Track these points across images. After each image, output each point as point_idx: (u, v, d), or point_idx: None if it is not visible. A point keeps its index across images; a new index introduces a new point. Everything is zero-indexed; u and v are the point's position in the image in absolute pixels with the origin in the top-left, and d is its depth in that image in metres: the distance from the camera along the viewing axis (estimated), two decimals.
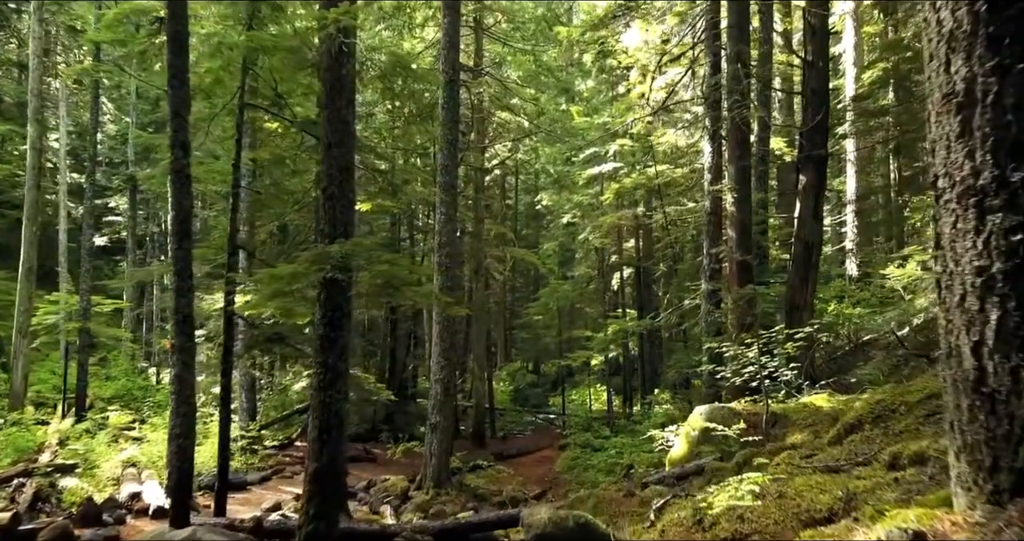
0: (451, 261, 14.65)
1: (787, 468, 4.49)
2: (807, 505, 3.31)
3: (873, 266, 24.75)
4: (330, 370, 6.96)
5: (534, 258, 25.28)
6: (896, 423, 5.29)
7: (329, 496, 6.82)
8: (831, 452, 5.11)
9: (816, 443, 6.70)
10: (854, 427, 5.73)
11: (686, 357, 17.42)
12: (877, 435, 5.19)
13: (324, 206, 7.12)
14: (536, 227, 41.12)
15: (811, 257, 12.53)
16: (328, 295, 6.97)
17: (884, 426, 5.38)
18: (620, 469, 15.79)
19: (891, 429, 5.22)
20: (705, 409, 8.89)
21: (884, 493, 3.16)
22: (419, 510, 12.88)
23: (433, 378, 14.64)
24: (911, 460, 3.55)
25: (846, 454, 4.73)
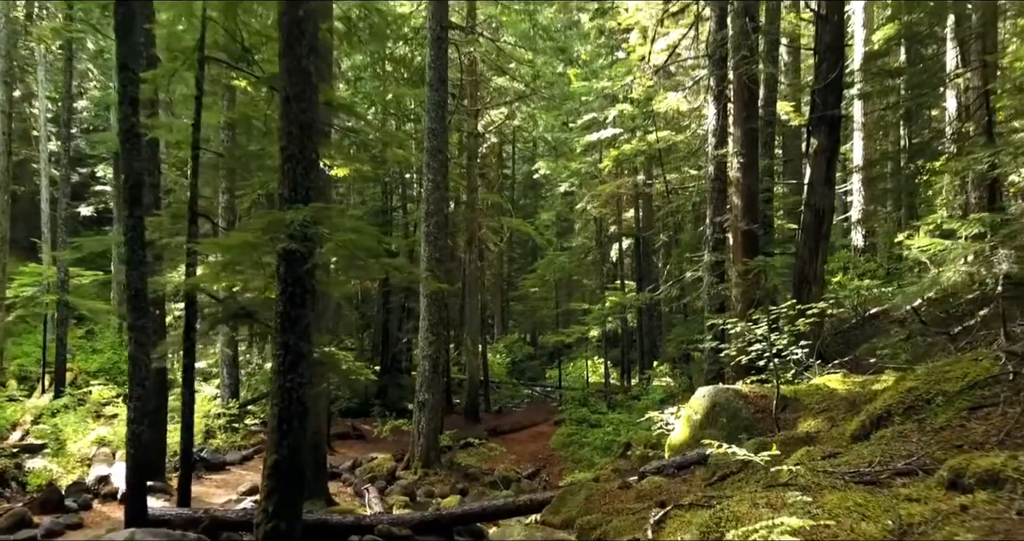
0: (439, 231, 13.86)
1: (810, 475, 3.78)
2: (846, 537, 2.59)
3: (879, 236, 24.02)
4: (291, 352, 6.22)
5: (530, 228, 24.47)
6: (933, 417, 4.56)
7: (290, 491, 6.14)
8: (858, 451, 4.39)
9: (834, 434, 5.99)
10: (882, 419, 5.00)
11: (687, 331, 16.73)
12: (911, 431, 4.46)
13: (283, 168, 6.32)
14: (534, 197, 40.26)
15: (822, 226, 11.74)
16: (287, 268, 6.20)
17: (918, 420, 4.65)
18: (617, 447, 15.17)
19: (928, 424, 4.49)
20: (708, 391, 8.18)
21: (952, 528, 2.44)
22: (405, 492, 12.27)
23: (421, 354, 13.95)
24: (981, 480, 2.82)
25: (879, 456, 4.00)
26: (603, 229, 27.07)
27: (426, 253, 13.86)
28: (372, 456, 15.19)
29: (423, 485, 13.19)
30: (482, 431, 18.84)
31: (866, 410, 5.34)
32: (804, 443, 6.08)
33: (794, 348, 8.42)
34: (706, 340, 12.15)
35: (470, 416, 20.77)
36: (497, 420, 21.19)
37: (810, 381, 8.37)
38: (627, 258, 28.11)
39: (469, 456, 14.94)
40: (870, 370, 9.59)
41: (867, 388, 7.33)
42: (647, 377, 18.89)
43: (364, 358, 28.55)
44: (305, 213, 5.85)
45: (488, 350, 32.55)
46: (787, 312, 7.96)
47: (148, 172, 11.62)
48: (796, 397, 7.73)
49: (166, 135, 10.14)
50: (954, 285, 8.69)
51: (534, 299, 30.86)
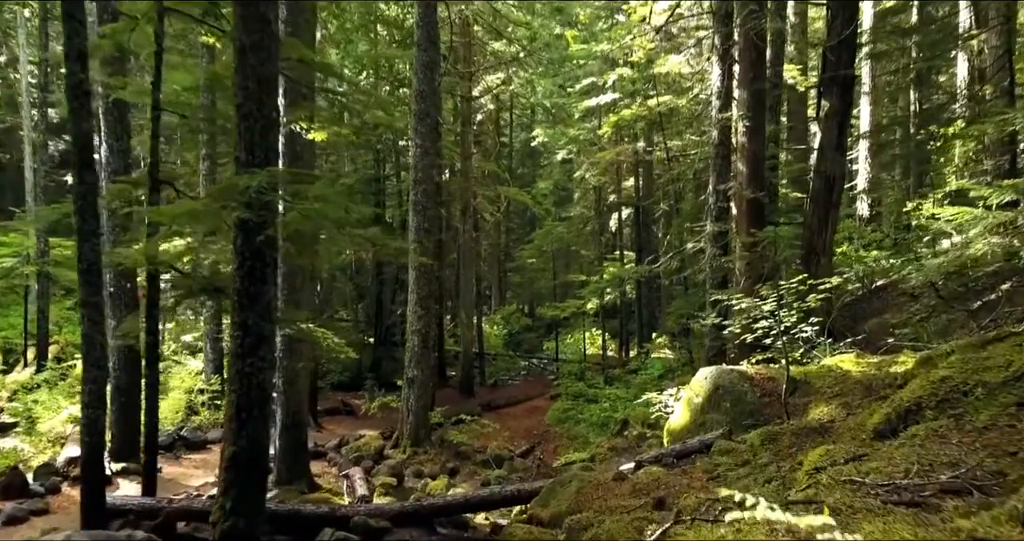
0: (429, 200, 13.18)
1: (837, 490, 3.18)
2: None
3: (885, 205, 23.31)
4: (251, 333, 5.60)
5: (526, 197, 23.74)
6: (974, 413, 3.95)
7: (250, 486, 5.57)
8: (888, 453, 3.79)
9: (851, 424, 5.40)
10: (911, 413, 4.40)
11: (687, 304, 16.14)
12: (949, 430, 3.86)
13: (239, 128, 5.64)
14: (532, 165, 39.45)
15: (832, 194, 11.06)
16: (245, 240, 5.55)
17: (955, 416, 4.05)
18: (614, 425, 14.70)
19: (968, 422, 3.89)
20: (711, 372, 7.59)
21: None
22: (392, 473, 11.79)
23: (410, 329, 13.36)
24: None
25: (916, 463, 3.40)
26: (602, 198, 26.32)
27: (415, 223, 13.20)
28: (360, 434, 14.69)
29: (412, 464, 12.70)
30: (476, 406, 18.34)
31: (891, 401, 4.74)
32: (818, 434, 5.49)
33: (803, 325, 7.81)
34: (708, 316, 11.56)
35: (464, 390, 20.28)
36: (492, 394, 20.71)
37: (820, 361, 7.77)
38: (627, 228, 27.41)
39: (461, 433, 14.45)
40: (883, 348, 9.01)
41: (884, 370, 6.73)
42: (646, 351, 18.34)
43: (359, 330, 28.06)
44: (261, 178, 5.18)
45: (485, 322, 32.05)
46: (797, 287, 7.32)
47: (116, 136, 10.96)
48: (806, 379, 7.14)
49: (130, 96, 9.39)
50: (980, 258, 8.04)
51: (531, 270, 30.27)
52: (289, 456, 10.24)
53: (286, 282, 10.11)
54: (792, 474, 4.42)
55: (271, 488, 10.23)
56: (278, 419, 10.29)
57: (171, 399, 13.38)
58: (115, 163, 10.83)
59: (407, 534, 7.01)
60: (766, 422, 6.83)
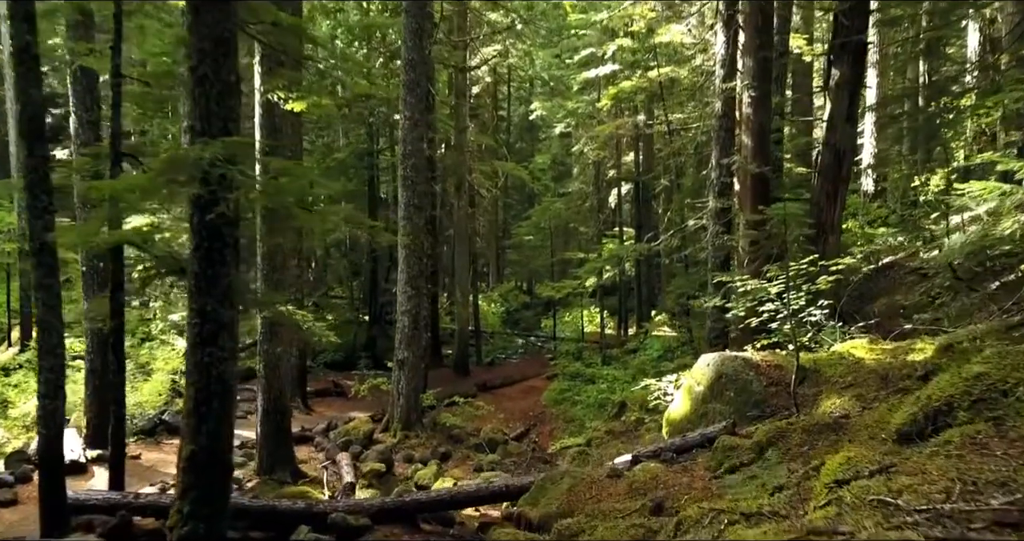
0: (418, 175, 12.59)
1: (865, 515, 2.70)
2: None
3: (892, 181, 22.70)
4: (209, 320, 5.10)
5: (523, 172, 23.13)
6: (1018, 417, 3.46)
7: (211, 488, 5.10)
8: (920, 464, 3.29)
9: (869, 421, 4.91)
10: (940, 413, 3.90)
11: (687, 283, 15.64)
12: (989, 438, 3.37)
13: (192, 93, 5.08)
14: (530, 140, 38.74)
15: (841, 168, 10.52)
16: (201, 218, 5.02)
17: (995, 420, 3.56)
18: (611, 407, 14.27)
19: (1012, 428, 3.40)
20: (713, 359, 7.10)
21: None
22: (381, 458, 11.35)
23: (400, 309, 12.86)
24: None
25: (956, 479, 2.91)
26: (601, 174, 25.71)
27: (404, 199, 12.63)
28: (350, 416, 14.27)
29: (402, 449, 12.28)
30: (471, 386, 17.94)
31: (917, 398, 4.24)
32: (832, 431, 5.01)
33: (812, 309, 7.33)
34: (709, 297, 11.07)
35: (460, 370, 19.87)
36: (488, 374, 20.28)
37: (830, 348, 7.28)
38: (626, 204, 26.83)
39: (454, 416, 14.01)
40: (895, 332, 8.53)
41: (900, 358, 6.24)
42: (644, 330, 17.87)
43: (354, 308, 27.60)
44: (214, 149, 4.63)
45: (482, 299, 31.57)
46: (807, 268, 6.81)
47: (86, 107, 10.38)
48: (816, 367, 6.65)
49: (96, 63, 8.80)
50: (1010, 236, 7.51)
51: (529, 247, 29.73)
52: (272, 443, 9.80)
53: (266, 262, 9.60)
54: (807, 482, 3.94)
55: (252, 477, 9.84)
56: (259, 405, 9.84)
57: (154, 381, 12.93)
58: (85, 135, 10.26)
59: (388, 532, 6.58)
60: (772, 414, 6.36)
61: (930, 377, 5.35)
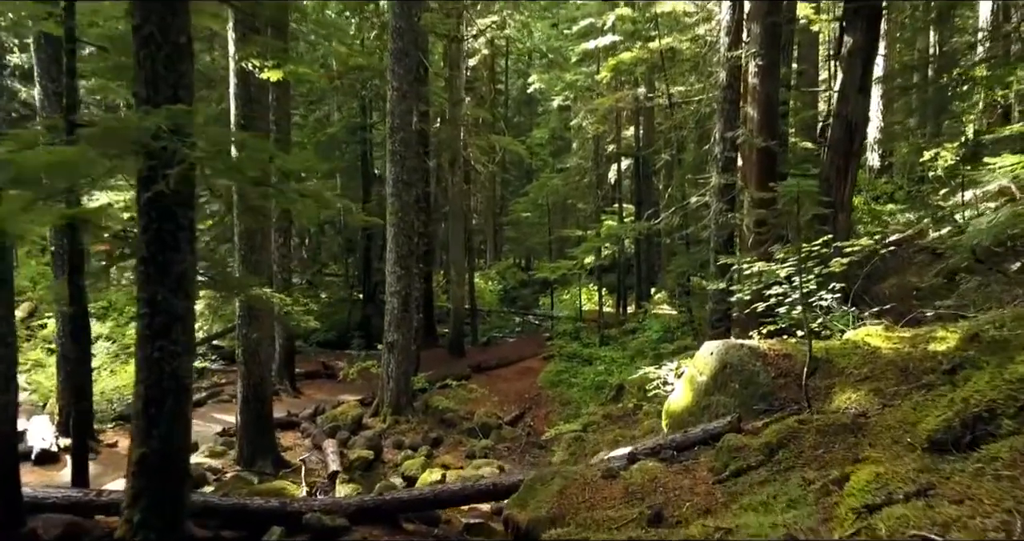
0: (407, 149, 12.02)
1: None
2: None
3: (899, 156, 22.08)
4: (160, 311, 4.60)
5: (520, 147, 22.49)
6: None
7: (165, 494, 4.64)
8: (963, 484, 2.81)
9: (891, 421, 4.43)
10: (980, 420, 3.42)
11: (688, 262, 15.11)
12: None
13: (138, 56, 4.53)
14: (529, 114, 38.02)
15: (853, 142, 9.95)
16: (152, 198, 4.50)
17: None
18: (609, 390, 13.86)
19: None
20: (717, 347, 6.61)
21: None
22: (369, 445, 10.94)
23: (389, 290, 12.37)
24: None
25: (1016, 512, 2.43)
26: (600, 148, 25.04)
27: (392, 175, 12.08)
28: (340, 400, 13.84)
29: (392, 435, 11.88)
30: (466, 367, 17.50)
31: (951, 401, 3.75)
32: (850, 433, 4.53)
33: (823, 293, 6.83)
34: (711, 277, 10.57)
35: (454, 350, 19.42)
36: (483, 354, 19.83)
37: (843, 335, 6.78)
38: (626, 180, 26.21)
39: (446, 399, 13.59)
40: (910, 317, 8.03)
41: (920, 348, 5.74)
42: (644, 310, 17.39)
43: (348, 285, 27.11)
44: (157, 119, 4.09)
45: (479, 277, 31.07)
46: (819, 249, 6.28)
47: (51, 77, 9.80)
48: (828, 357, 6.16)
49: (52, 27, 8.17)
50: None
51: (526, 224, 29.13)
52: (252, 431, 9.37)
53: (244, 242, 9.07)
54: (827, 499, 3.46)
55: (232, 466, 9.41)
56: (239, 392, 9.39)
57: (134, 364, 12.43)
58: (51, 107, 9.67)
59: (367, 532, 6.14)
60: (781, 408, 5.88)
61: (957, 371, 4.87)
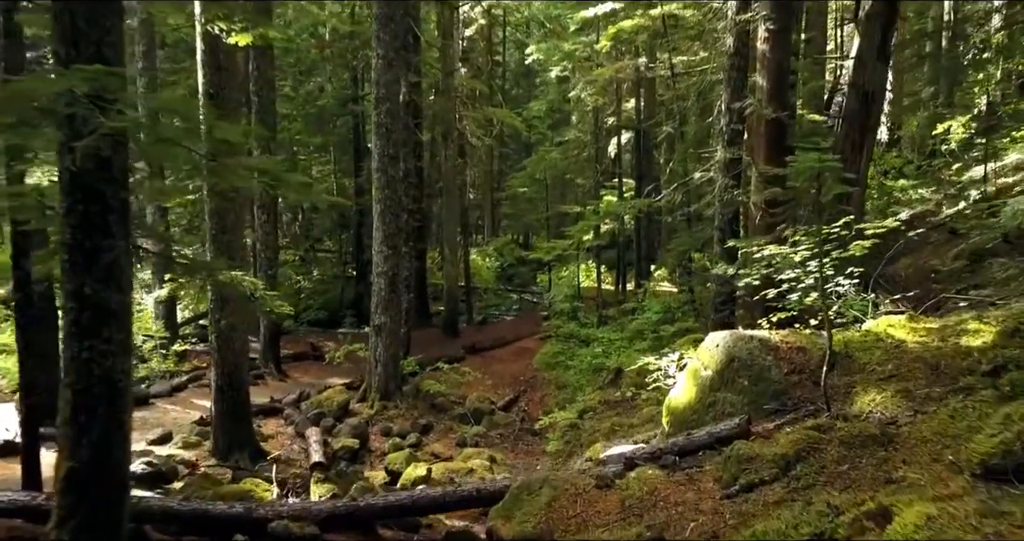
0: (394, 121, 11.34)
1: None
2: None
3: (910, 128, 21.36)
4: (89, 306, 3.99)
5: (516, 120, 21.77)
6: None
7: (98, 514, 4.08)
8: None
9: (926, 432, 3.86)
10: None
11: (690, 240, 14.48)
12: None
13: (55, 9, 3.88)
14: (527, 86, 37.12)
15: (869, 114, 9.29)
16: (75, 174, 3.88)
17: None
18: (606, 374, 13.32)
19: None
20: (723, 339, 6.02)
21: None
22: (355, 433, 10.43)
23: (376, 270, 11.77)
24: None
25: None
26: (600, 121, 24.26)
27: (378, 148, 11.41)
28: (327, 383, 13.32)
29: (380, 421, 11.36)
30: (459, 349, 16.98)
31: (1007, 418, 3.17)
32: (879, 445, 3.96)
33: (840, 278, 6.22)
34: (715, 258, 9.96)
35: (448, 330, 18.89)
36: (478, 334, 19.31)
37: (861, 325, 6.19)
38: (626, 154, 25.49)
39: (438, 382, 13.07)
40: (927, 300, 7.45)
41: (951, 342, 5.17)
42: (644, 289, 16.81)
43: (341, 262, 26.50)
44: (76, 80, 3.45)
45: (476, 253, 30.47)
46: (840, 231, 5.67)
47: None
48: (847, 351, 5.58)
49: None
50: None
51: (523, 200, 28.42)
52: (227, 422, 8.84)
53: (214, 221, 8.45)
54: (861, 538, 2.89)
55: (207, 460, 8.89)
56: (212, 381, 8.84)
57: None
58: None
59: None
60: (795, 408, 5.32)
61: (1000, 374, 4.29)
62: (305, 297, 22.90)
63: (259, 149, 13.47)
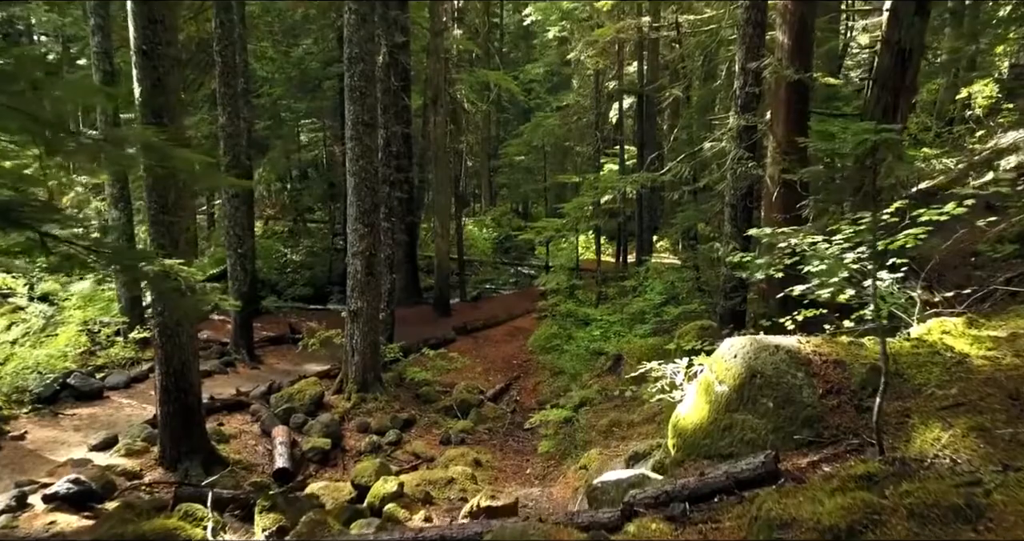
0: (368, 84, 10.15)
1: None
2: None
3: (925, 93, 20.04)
4: None
5: (511, 83, 20.44)
6: None
7: None
8: None
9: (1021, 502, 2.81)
10: None
11: (697, 213, 13.37)
12: None
13: None
14: (526, 48, 35.61)
15: (906, 74, 8.10)
16: None
17: None
18: (605, 360, 12.33)
19: None
20: (743, 347, 4.97)
21: None
22: (327, 431, 9.49)
23: (351, 251, 10.71)
24: None
25: None
26: (601, 85, 22.92)
27: (351, 115, 10.25)
28: (303, 371, 12.36)
29: (356, 416, 10.41)
30: (450, 329, 15.99)
31: None
32: (965, 522, 2.94)
33: (884, 274, 5.15)
34: (726, 240, 8.89)
35: (440, 308, 17.88)
36: (472, 312, 18.31)
37: (908, 331, 5.13)
38: (628, 119, 24.18)
39: (423, 370, 12.09)
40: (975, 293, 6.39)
41: None
42: (645, 268, 15.72)
43: (332, 233, 25.40)
44: None
45: (473, 224, 29.32)
46: (888, 218, 4.57)
47: None
48: (896, 367, 4.53)
49: None
50: None
51: (520, 169, 27.16)
52: (176, 427, 7.84)
53: (152, 198, 7.36)
54: None
55: (153, 469, 7.93)
56: (156, 381, 7.83)
57: (61, 336, 10.88)
58: None
59: None
60: (834, 440, 4.29)
61: None
62: (291, 272, 21.85)
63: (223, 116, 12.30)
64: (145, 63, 7.15)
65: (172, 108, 7.40)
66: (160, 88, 7.26)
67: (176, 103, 7.52)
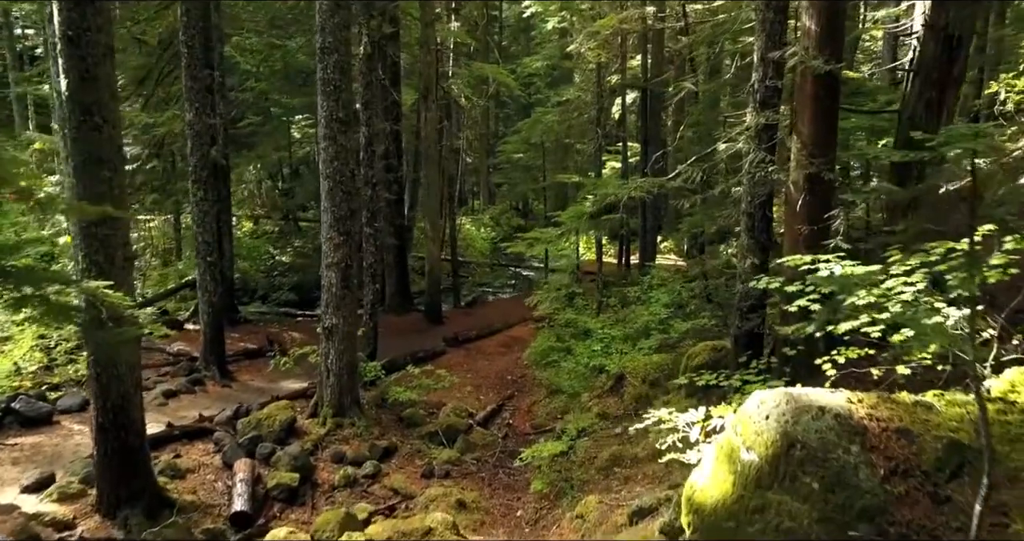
0: (342, 77, 9.14)
1: None
2: None
3: None
4: None
5: (508, 77, 19.41)
6: None
7: None
8: None
9: None
10: None
11: (705, 218, 12.35)
12: None
13: None
14: (526, 42, 34.64)
15: (953, 64, 7.07)
16: None
17: None
18: (606, 379, 11.34)
19: None
20: (777, 406, 3.96)
21: None
22: (293, 465, 8.51)
23: (325, 262, 9.71)
24: None
25: None
26: (603, 80, 21.87)
27: (324, 111, 9.25)
28: (279, 390, 11.40)
29: (331, 444, 9.44)
30: (440, 340, 15.01)
31: None
32: None
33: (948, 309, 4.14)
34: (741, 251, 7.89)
35: (431, 316, 16.89)
36: (465, 320, 17.29)
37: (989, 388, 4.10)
38: (631, 115, 23.15)
39: (407, 389, 11.08)
40: None
41: None
42: (649, 274, 14.69)
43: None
44: None
45: (471, 223, 28.34)
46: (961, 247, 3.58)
47: None
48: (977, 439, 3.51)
49: None
50: None
51: (519, 167, 26.11)
52: (114, 469, 6.88)
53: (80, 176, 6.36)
54: None
55: (88, 517, 6.95)
56: (92, 416, 6.86)
57: (9, 354, 9.89)
58: None
59: None
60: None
61: None
62: (278, 275, 20.87)
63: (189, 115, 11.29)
64: (71, 51, 6.16)
65: (105, 104, 6.41)
66: (90, 81, 6.27)
67: (111, 98, 6.52)
